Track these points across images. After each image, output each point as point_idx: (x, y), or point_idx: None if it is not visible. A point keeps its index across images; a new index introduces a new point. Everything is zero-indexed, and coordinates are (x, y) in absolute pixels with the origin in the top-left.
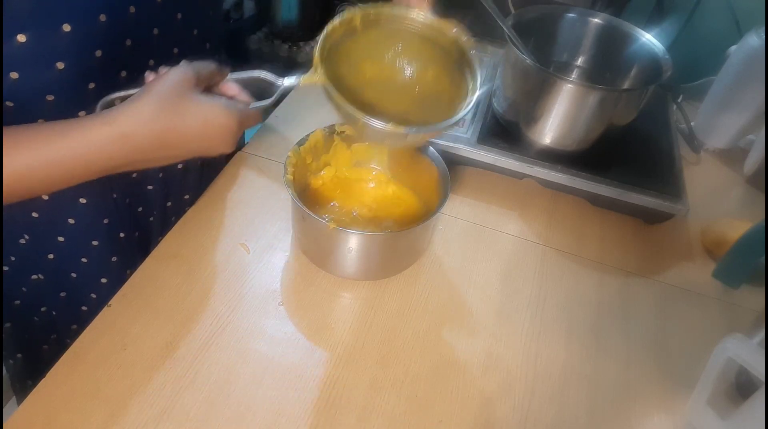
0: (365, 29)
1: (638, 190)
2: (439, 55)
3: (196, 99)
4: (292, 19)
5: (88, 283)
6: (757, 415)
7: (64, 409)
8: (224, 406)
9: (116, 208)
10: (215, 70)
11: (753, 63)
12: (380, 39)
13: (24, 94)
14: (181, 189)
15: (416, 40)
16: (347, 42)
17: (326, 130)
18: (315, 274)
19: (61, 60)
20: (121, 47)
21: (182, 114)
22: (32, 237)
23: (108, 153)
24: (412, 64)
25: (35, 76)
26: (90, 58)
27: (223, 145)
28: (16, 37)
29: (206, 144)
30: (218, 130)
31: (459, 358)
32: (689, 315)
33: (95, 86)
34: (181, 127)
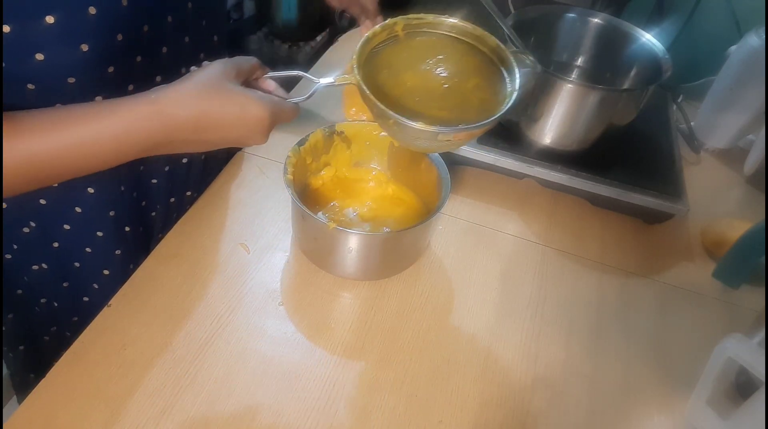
0: (407, 36)
1: (638, 190)
2: (480, 62)
3: (234, 89)
4: (292, 19)
5: (91, 273)
6: (757, 415)
7: (64, 409)
8: (224, 406)
9: (123, 200)
10: (256, 66)
11: (753, 63)
12: (422, 46)
13: (47, 77)
14: (184, 184)
15: (457, 47)
16: (387, 49)
17: (326, 130)
18: (315, 274)
19: (85, 42)
20: (139, 32)
21: (220, 100)
22: (38, 224)
23: (149, 131)
24: (452, 72)
25: (60, 58)
26: (112, 41)
27: (257, 135)
28: (45, 18)
29: (241, 132)
30: (253, 121)
31: (459, 358)
32: (689, 315)
33: (114, 70)
34: (218, 113)
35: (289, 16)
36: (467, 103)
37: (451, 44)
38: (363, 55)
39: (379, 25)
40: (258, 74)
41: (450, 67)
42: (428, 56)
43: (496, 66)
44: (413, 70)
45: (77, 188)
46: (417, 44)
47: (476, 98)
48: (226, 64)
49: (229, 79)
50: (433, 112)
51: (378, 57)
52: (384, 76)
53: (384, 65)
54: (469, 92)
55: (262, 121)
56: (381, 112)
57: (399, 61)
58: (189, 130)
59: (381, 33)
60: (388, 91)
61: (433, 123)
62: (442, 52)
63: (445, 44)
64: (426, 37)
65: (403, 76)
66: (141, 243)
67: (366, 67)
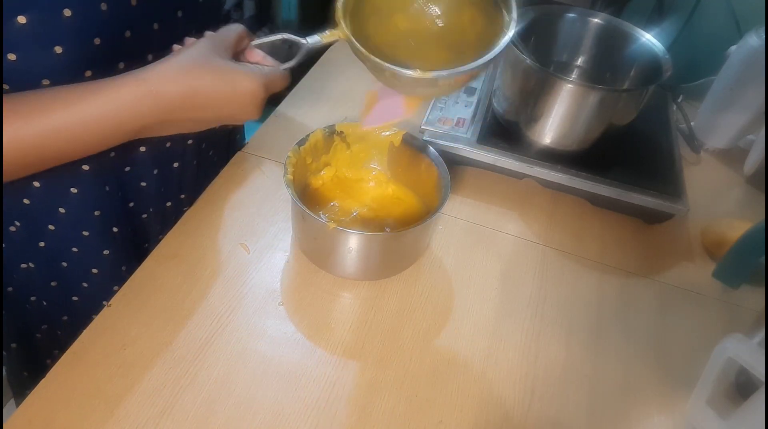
0: None
1: (638, 190)
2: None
3: (224, 63)
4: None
5: (79, 273)
6: (757, 415)
7: (64, 409)
8: (224, 406)
9: (109, 200)
10: (243, 34)
11: (753, 63)
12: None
13: (21, 77)
14: (178, 188)
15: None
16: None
17: (326, 130)
18: (315, 274)
19: (59, 44)
20: (120, 38)
21: (211, 76)
22: (24, 224)
23: (139, 111)
24: (445, 8)
25: (33, 59)
26: (88, 45)
27: (250, 109)
28: (17, 18)
29: (234, 107)
30: (245, 94)
31: (459, 358)
32: (689, 315)
33: (92, 74)
34: (209, 88)
35: (289, 16)
36: (464, 40)
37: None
38: (348, 5)
39: None
40: (245, 43)
41: (441, 3)
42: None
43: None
44: (403, 11)
45: (61, 188)
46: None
47: (473, 33)
48: (214, 39)
49: (219, 54)
50: (431, 53)
51: (363, 3)
52: (373, 24)
53: (371, 11)
54: (464, 27)
55: (255, 95)
56: (375, 65)
57: (387, 4)
58: (181, 109)
59: None
60: (380, 39)
61: (431, 67)
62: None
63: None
64: None
65: (393, 19)
66: (133, 245)
67: (353, 17)
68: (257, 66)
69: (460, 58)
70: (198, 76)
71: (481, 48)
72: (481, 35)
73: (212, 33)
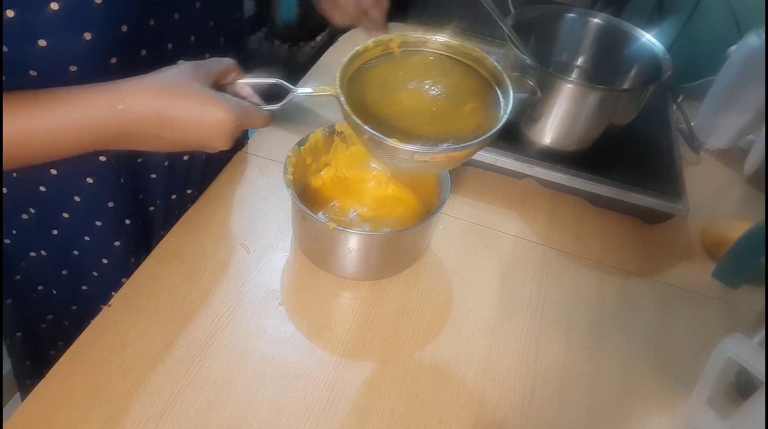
0: (403, 54)
1: (638, 190)
2: (478, 85)
3: (199, 88)
4: (292, 19)
5: (90, 262)
6: (757, 415)
7: (64, 409)
8: (224, 406)
9: (122, 192)
10: (231, 68)
11: (753, 63)
12: (418, 66)
13: (49, 63)
14: (185, 181)
15: (455, 69)
16: (381, 65)
17: (326, 130)
18: (315, 274)
19: (89, 30)
20: (145, 25)
21: (182, 98)
22: (38, 211)
23: (105, 122)
24: (450, 95)
25: (62, 45)
26: (116, 31)
27: (219, 139)
28: (50, 4)
29: (201, 133)
30: (214, 123)
31: (459, 357)
32: (689, 315)
33: (117, 61)
34: (178, 112)
35: (289, 16)
36: (464, 129)
37: (450, 65)
38: (349, 68)
39: (372, 39)
40: (233, 77)
41: (447, 90)
42: (425, 77)
43: (494, 89)
44: (408, 90)
45: (76, 177)
46: (413, 63)
47: (472, 123)
48: (197, 65)
49: (196, 79)
50: (427, 135)
51: (370, 73)
52: (376, 94)
53: (377, 83)
54: (465, 117)
55: (225, 125)
56: (356, 126)
57: (394, 80)
58: (147, 126)
59: (374, 48)
60: (380, 110)
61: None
62: (440, 72)
63: (443, 65)
64: (423, 56)
65: (397, 95)
66: (142, 237)
67: (354, 82)
68: (235, 98)
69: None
70: (170, 96)
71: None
72: (480, 126)
73: (200, 60)
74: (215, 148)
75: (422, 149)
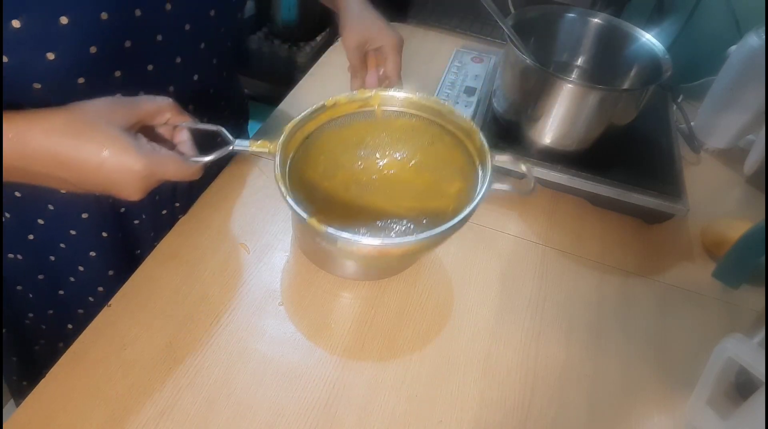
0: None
1: (638, 190)
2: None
3: (106, 131)
4: (292, 19)
5: (66, 269)
6: (757, 415)
7: (64, 409)
8: (224, 406)
9: (97, 205)
10: (164, 108)
11: (753, 63)
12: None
13: (12, 79)
14: (171, 195)
15: (445, 140)
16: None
17: None
18: (315, 274)
19: (52, 50)
20: (119, 47)
21: (85, 140)
22: (14, 215)
23: (7, 153)
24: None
25: (25, 63)
26: (83, 53)
27: (126, 187)
28: (11, 21)
29: (103, 180)
30: (118, 169)
31: (459, 358)
32: (689, 315)
33: (84, 81)
34: (76, 152)
35: (289, 16)
36: (444, 211)
37: (439, 134)
38: (308, 124)
39: (345, 94)
40: (167, 119)
41: (433, 163)
42: (408, 144)
43: (477, 169)
44: (388, 157)
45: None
46: (397, 126)
47: (453, 205)
48: (117, 101)
49: (109, 118)
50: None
51: (344, 131)
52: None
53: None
54: (449, 199)
55: (133, 174)
56: (279, 190)
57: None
58: (43, 164)
59: (348, 104)
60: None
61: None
62: (427, 141)
63: (431, 133)
64: (407, 119)
65: (367, 161)
66: (124, 250)
67: (316, 139)
68: (150, 145)
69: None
70: (70, 135)
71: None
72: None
73: (124, 97)
74: (124, 196)
75: (347, 237)
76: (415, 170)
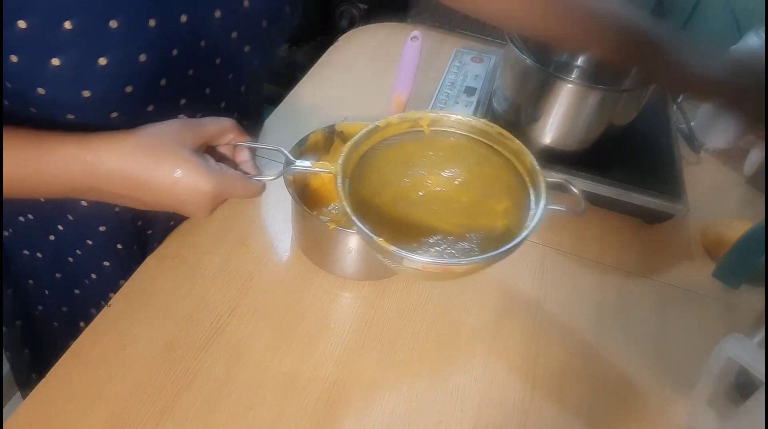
0: (433, 134)
1: (638, 190)
2: (516, 183)
3: (178, 152)
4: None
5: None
6: (757, 415)
7: (64, 409)
8: (224, 406)
9: (117, 220)
10: (228, 128)
11: None
12: (451, 150)
13: (47, 108)
14: None
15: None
16: (408, 144)
17: (326, 130)
18: (315, 274)
19: (88, 89)
20: (155, 85)
21: (156, 160)
22: (36, 218)
23: (78, 174)
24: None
25: (60, 97)
26: (119, 92)
27: (195, 207)
28: (51, 60)
29: (174, 200)
30: (190, 190)
31: (459, 358)
32: (689, 315)
33: (118, 115)
34: (149, 173)
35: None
36: (491, 229)
37: (484, 152)
38: (363, 144)
39: (397, 115)
40: (230, 139)
41: (478, 181)
42: (453, 162)
43: (528, 190)
44: (432, 175)
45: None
46: (445, 146)
47: (502, 224)
48: (187, 123)
49: (179, 140)
50: (447, 228)
51: (390, 151)
52: (393, 175)
53: (396, 162)
54: (495, 215)
55: (204, 194)
56: (345, 209)
57: (418, 162)
58: (116, 185)
59: (399, 124)
60: (396, 195)
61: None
62: (474, 160)
63: (476, 151)
64: (455, 139)
65: (418, 180)
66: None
67: (368, 158)
68: (218, 166)
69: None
70: (143, 156)
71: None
72: (509, 231)
73: (190, 119)
74: (193, 215)
75: (412, 257)
76: (461, 188)
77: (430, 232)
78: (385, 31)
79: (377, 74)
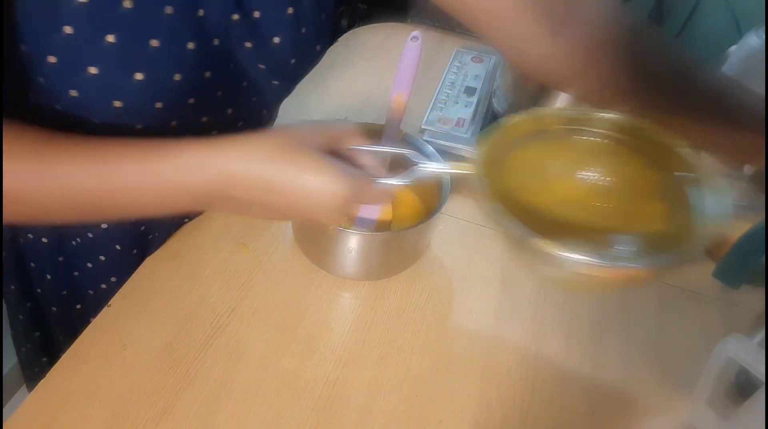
0: (565, 132)
1: None
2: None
3: (315, 154)
4: None
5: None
6: (757, 415)
7: (64, 409)
8: (224, 406)
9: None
10: (351, 132)
11: (753, 63)
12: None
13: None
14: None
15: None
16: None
17: None
18: (315, 274)
19: (120, 100)
20: (182, 103)
21: (292, 163)
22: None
23: (208, 182)
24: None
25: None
26: (149, 106)
27: (328, 212)
28: (89, 68)
29: (305, 205)
30: (324, 195)
31: (459, 358)
32: (689, 315)
33: (143, 128)
34: (285, 176)
35: None
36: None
37: (626, 152)
38: (494, 145)
39: (525, 112)
40: (353, 142)
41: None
42: (593, 163)
43: (682, 189)
44: (573, 176)
45: None
46: (578, 146)
47: (657, 229)
48: (314, 127)
49: (312, 144)
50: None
51: (520, 152)
52: (526, 178)
53: (529, 164)
54: (649, 219)
55: (335, 198)
56: (493, 214)
57: (552, 163)
58: (252, 191)
59: (525, 122)
60: (530, 197)
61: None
62: (615, 160)
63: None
64: (591, 137)
65: (557, 182)
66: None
67: (501, 159)
68: (350, 169)
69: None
70: (280, 160)
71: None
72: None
73: (318, 123)
74: (324, 220)
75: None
76: (608, 190)
77: (577, 235)
78: (385, 31)
79: (377, 74)
